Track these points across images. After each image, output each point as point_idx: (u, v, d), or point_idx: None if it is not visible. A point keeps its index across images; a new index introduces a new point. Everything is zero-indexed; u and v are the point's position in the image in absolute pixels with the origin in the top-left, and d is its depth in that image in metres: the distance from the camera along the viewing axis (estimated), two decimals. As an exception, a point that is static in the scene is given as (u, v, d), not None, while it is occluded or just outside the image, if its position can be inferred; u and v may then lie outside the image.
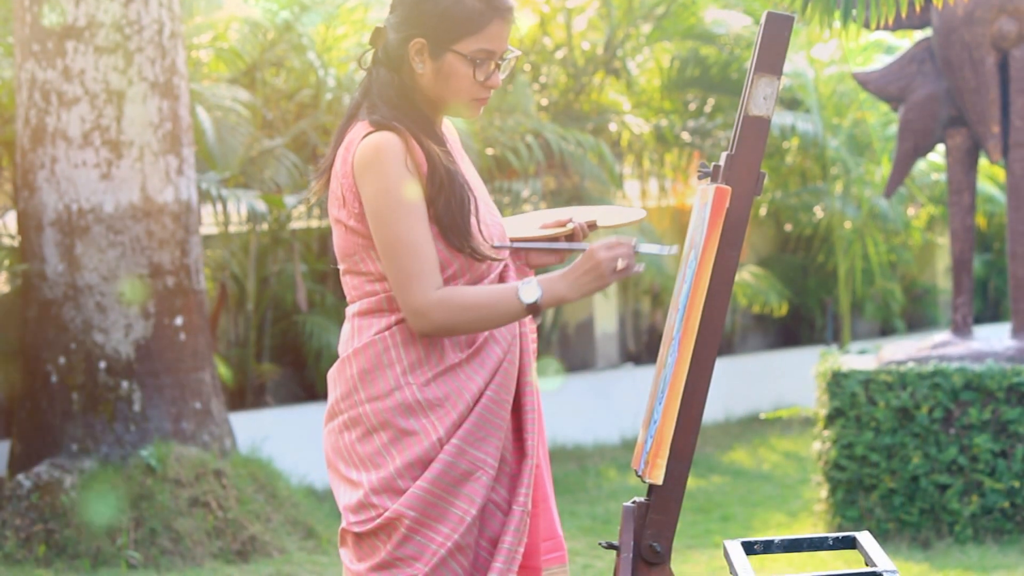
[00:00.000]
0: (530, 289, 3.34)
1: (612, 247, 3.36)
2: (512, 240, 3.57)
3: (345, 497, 3.40)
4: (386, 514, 3.32)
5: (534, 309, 3.34)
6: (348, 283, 3.45)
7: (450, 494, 3.32)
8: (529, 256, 3.61)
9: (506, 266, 3.49)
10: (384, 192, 3.31)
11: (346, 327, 3.45)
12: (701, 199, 3.47)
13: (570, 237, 3.62)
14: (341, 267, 3.46)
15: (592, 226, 3.63)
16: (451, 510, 3.32)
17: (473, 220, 3.38)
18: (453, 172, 3.37)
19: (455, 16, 3.36)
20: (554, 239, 3.61)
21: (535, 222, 3.70)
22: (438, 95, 3.42)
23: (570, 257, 3.66)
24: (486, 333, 3.40)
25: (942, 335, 8.16)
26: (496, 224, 3.48)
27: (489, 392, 3.38)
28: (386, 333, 3.36)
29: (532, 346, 3.51)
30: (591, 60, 11.91)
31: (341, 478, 3.42)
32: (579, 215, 3.65)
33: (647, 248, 3.40)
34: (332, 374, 3.45)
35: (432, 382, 3.35)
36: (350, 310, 3.45)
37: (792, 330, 13.81)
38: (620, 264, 3.36)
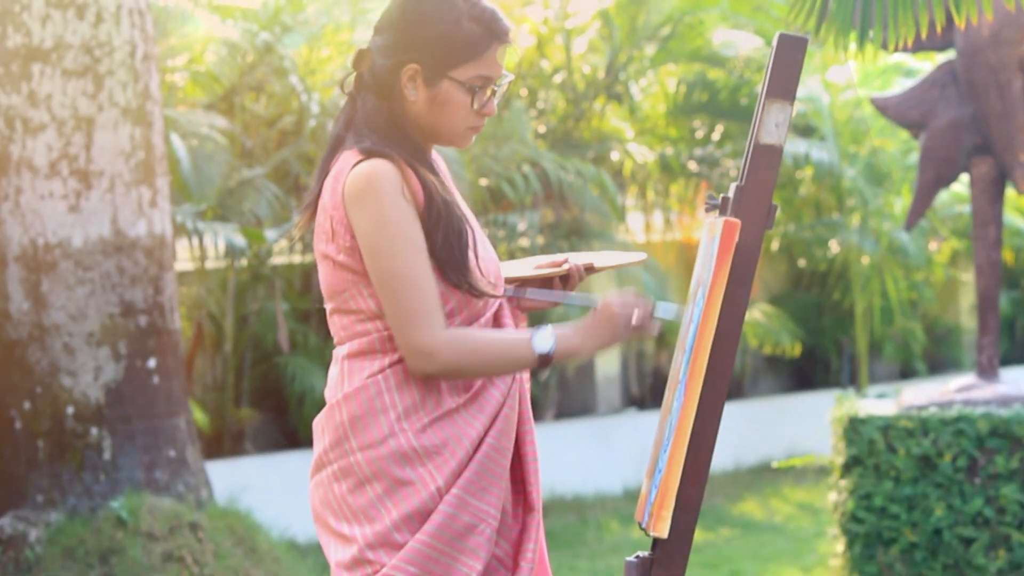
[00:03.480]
0: (544, 339, 3.34)
1: (627, 303, 3.38)
2: (507, 280, 3.57)
3: (337, 553, 3.36)
4: (384, 571, 3.29)
5: (546, 360, 3.33)
6: (336, 323, 3.41)
7: (454, 549, 3.29)
8: (522, 299, 3.60)
9: (501, 306, 3.48)
10: (381, 223, 3.28)
11: (334, 370, 3.41)
12: (709, 233, 3.48)
13: (565, 278, 3.63)
14: (328, 306, 3.42)
15: (590, 268, 3.63)
16: (456, 567, 3.29)
17: (471, 255, 3.37)
18: (451, 203, 3.35)
19: (452, 42, 3.35)
20: (548, 279, 3.62)
21: (530, 263, 3.70)
22: (431, 123, 3.41)
23: (565, 299, 3.66)
24: (483, 375, 3.40)
25: (966, 378, 8.17)
26: (492, 260, 3.47)
27: (489, 439, 3.36)
28: (379, 376, 3.33)
29: (527, 392, 3.51)
30: (592, 84, 11.96)
31: (331, 533, 3.39)
32: (575, 258, 3.66)
33: (663, 311, 3.42)
34: (319, 421, 3.41)
35: (428, 428, 3.32)
36: (339, 352, 3.41)
37: (806, 372, 13.83)
38: (635, 320, 3.38)
